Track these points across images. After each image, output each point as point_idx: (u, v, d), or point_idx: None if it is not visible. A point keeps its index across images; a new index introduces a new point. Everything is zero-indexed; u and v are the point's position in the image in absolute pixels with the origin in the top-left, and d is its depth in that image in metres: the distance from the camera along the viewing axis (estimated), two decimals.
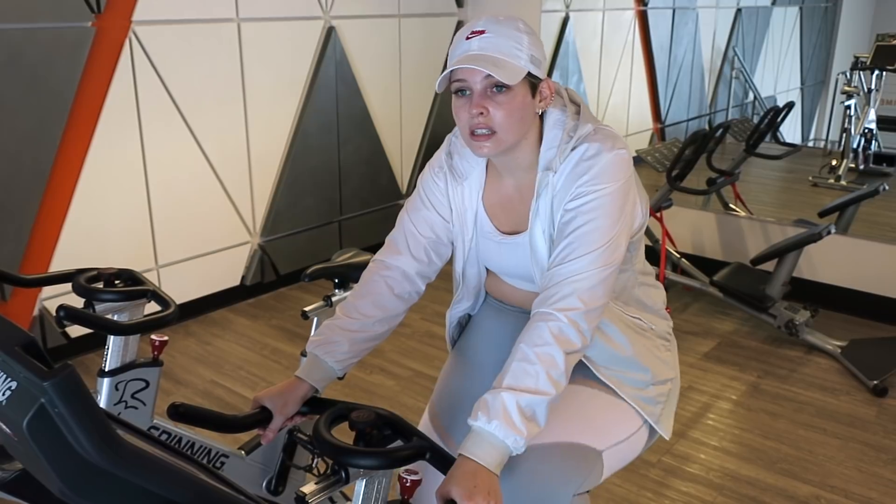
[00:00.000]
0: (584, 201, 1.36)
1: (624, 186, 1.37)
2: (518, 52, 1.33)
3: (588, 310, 1.31)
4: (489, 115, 1.34)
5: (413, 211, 1.59)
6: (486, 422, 1.22)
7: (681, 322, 3.82)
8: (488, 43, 1.33)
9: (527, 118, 1.38)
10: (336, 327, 1.53)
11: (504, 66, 1.31)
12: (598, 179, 1.35)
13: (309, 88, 4.12)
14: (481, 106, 1.34)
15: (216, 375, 3.32)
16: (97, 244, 3.39)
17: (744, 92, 6.85)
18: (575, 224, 1.36)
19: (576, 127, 1.40)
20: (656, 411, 1.51)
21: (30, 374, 0.74)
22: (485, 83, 1.33)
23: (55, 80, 3.11)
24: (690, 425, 2.91)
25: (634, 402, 1.48)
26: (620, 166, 1.37)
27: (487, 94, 1.34)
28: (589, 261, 1.33)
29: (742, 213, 4.40)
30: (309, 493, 1.23)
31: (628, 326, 1.50)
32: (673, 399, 1.57)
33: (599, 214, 1.35)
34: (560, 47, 5.09)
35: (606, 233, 1.34)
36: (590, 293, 1.32)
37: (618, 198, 1.36)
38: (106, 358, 1.79)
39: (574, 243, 1.34)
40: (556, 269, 1.35)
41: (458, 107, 1.38)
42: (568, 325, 1.29)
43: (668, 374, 1.56)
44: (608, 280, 1.35)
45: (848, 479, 2.58)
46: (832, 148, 6.14)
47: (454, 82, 1.37)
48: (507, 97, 1.34)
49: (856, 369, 3.25)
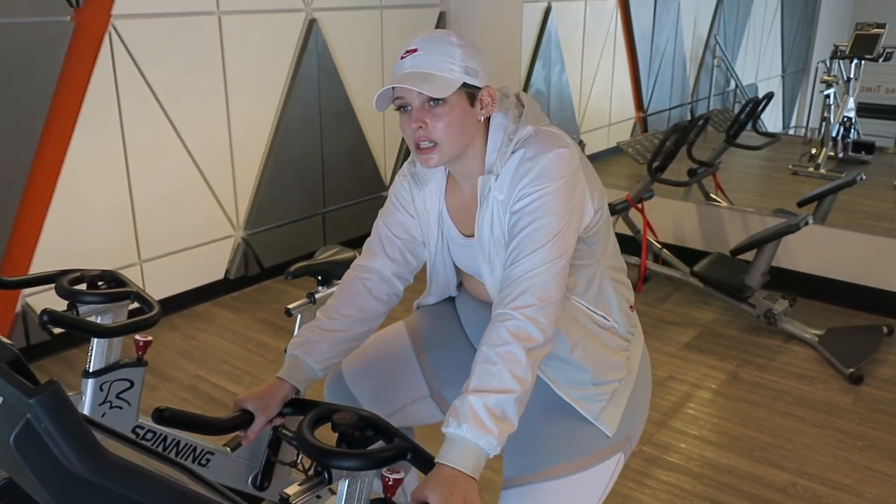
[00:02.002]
0: (527, 202, 1.40)
1: (567, 184, 1.40)
2: (450, 65, 1.38)
3: (543, 305, 1.34)
4: (429, 128, 1.40)
5: (387, 216, 1.66)
6: (456, 427, 1.24)
7: (662, 312, 3.87)
8: (420, 60, 1.39)
9: (468, 127, 1.43)
10: (316, 328, 1.57)
11: (434, 81, 1.37)
12: (539, 180, 1.39)
13: (291, 81, 4.11)
14: (420, 120, 1.40)
15: (201, 370, 3.33)
16: (79, 240, 3.39)
17: (725, 80, 6.89)
18: (521, 225, 1.40)
19: (515, 130, 1.45)
20: (596, 408, 1.51)
21: (15, 391, 0.75)
22: (420, 98, 1.40)
23: (34, 76, 3.09)
24: (671, 415, 2.95)
25: (570, 399, 1.50)
26: (561, 164, 1.40)
27: (425, 108, 1.40)
28: (538, 258, 1.36)
29: (723, 204, 4.45)
30: (293, 494, 1.25)
31: (579, 324, 1.51)
32: (621, 397, 1.56)
33: (544, 213, 1.38)
34: (542, 37, 5.10)
35: (553, 229, 1.38)
36: (543, 288, 1.35)
37: (561, 196, 1.39)
38: (90, 359, 1.80)
39: (522, 243, 1.38)
40: (508, 270, 1.39)
41: (402, 122, 1.45)
42: (525, 321, 1.32)
43: (616, 375, 1.56)
44: (560, 274, 1.38)
45: (824, 466, 2.64)
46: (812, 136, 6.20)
47: (395, 99, 1.43)
48: (444, 109, 1.40)
49: (833, 357, 3.31)
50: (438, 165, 1.46)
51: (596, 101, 5.84)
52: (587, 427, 1.50)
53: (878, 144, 5.36)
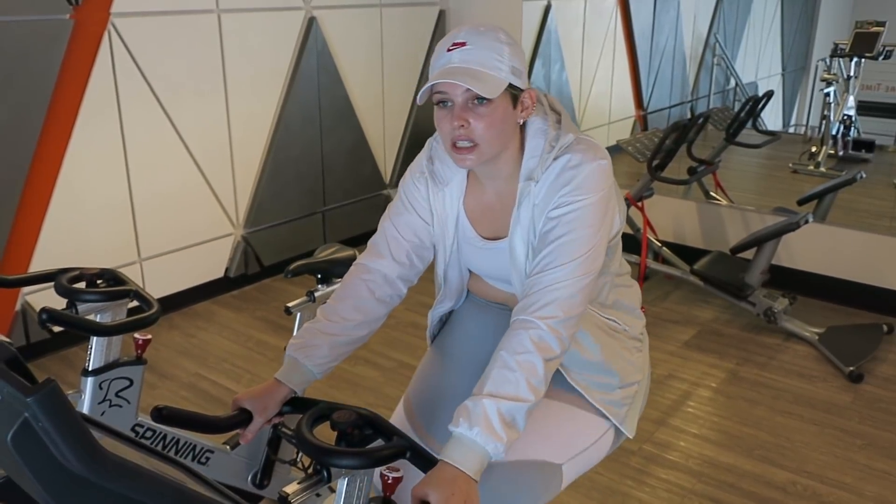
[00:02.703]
0: (565, 211, 1.37)
1: (605, 197, 1.40)
2: (499, 63, 1.33)
3: (567, 317, 1.34)
4: (470, 128, 1.35)
5: (395, 215, 1.60)
6: (467, 428, 1.24)
7: (661, 311, 3.87)
8: (469, 55, 1.33)
9: (508, 130, 1.40)
10: (316, 331, 1.53)
11: (484, 80, 1.32)
12: (580, 190, 1.37)
13: (290, 79, 4.11)
14: (463, 119, 1.35)
15: (201, 368, 3.33)
16: (79, 238, 3.38)
17: (725, 78, 6.88)
18: (556, 233, 1.37)
19: (557, 136, 1.41)
20: (622, 413, 1.53)
21: (13, 390, 0.75)
22: (466, 96, 1.34)
23: (33, 74, 3.08)
24: (670, 413, 2.95)
25: (601, 405, 1.50)
26: (602, 177, 1.39)
27: (468, 107, 1.35)
28: (569, 270, 1.35)
29: (723, 202, 4.44)
30: (292, 492, 1.25)
31: (601, 330, 1.52)
32: (639, 400, 1.59)
33: (581, 225, 1.36)
34: (542, 36, 5.10)
35: (587, 243, 1.36)
36: (569, 301, 1.34)
37: (599, 208, 1.38)
38: (89, 358, 1.80)
39: (555, 252, 1.36)
40: (536, 276, 1.37)
41: (440, 118, 1.39)
42: (548, 332, 1.31)
43: (636, 377, 1.58)
44: (587, 288, 1.37)
45: (823, 464, 2.64)
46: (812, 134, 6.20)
47: (435, 94, 1.37)
48: (489, 109, 1.34)
49: (833, 356, 3.31)
50: (473, 167, 1.42)
51: (596, 99, 5.83)
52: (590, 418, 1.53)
53: (879, 143, 5.36)
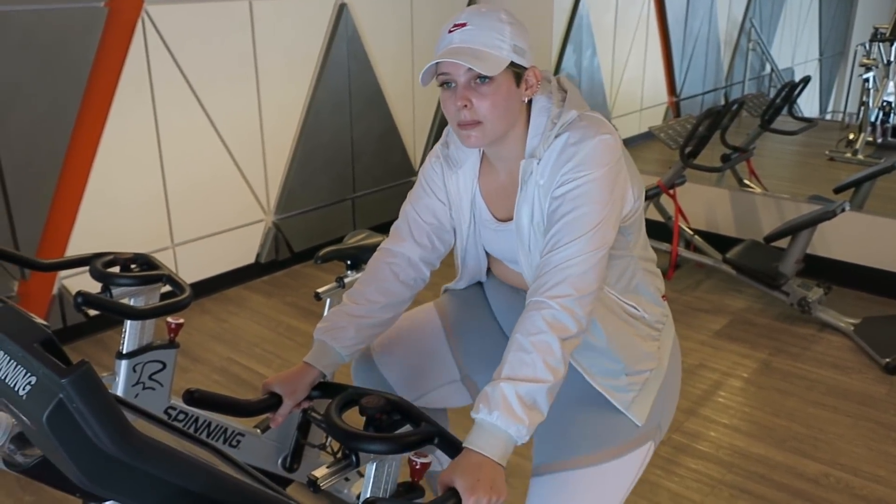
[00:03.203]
0: (569, 188, 1.37)
1: (610, 172, 1.38)
2: (500, 42, 1.35)
3: (580, 295, 1.32)
4: (474, 107, 1.37)
5: (416, 199, 1.63)
6: (487, 413, 1.24)
7: (692, 299, 3.83)
8: (469, 35, 1.35)
9: (512, 107, 1.40)
10: (343, 314, 1.56)
11: (485, 58, 1.33)
12: (582, 166, 1.36)
13: (321, 66, 4.12)
14: (465, 98, 1.36)
15: (232, 353, 3.37)
16: (114, 223, 3.44)
17: (761, 64, 6.77)
18: (562, 211, 1.37)
19: (560, 114, 1.41)
20: (627, 398, 1.50)
21: (48, 371, 0.77)
22: (468, 75, 1.36)
23: (69, 62, 3.13)
24: (701, 403, 2.93)
25: (603, 389, 1.49)
26: (605, 152, 1.37)
27: (471, 86, 1.36)
28: (578, 247, 1.34)
29: (757, 190, 4.38)
30: (321, 476, 1.26)
31: (615, 314, 1.50)
32: (652, 387, 1.55)
33: (586, 201, 1.36)
34: (574, 21, 5.05)
35: (595, 218, 1.35)
36: (581, 279, 1.33)
37: (605, 183, 1.37)
38: (123, 341, 1.83)
39: (562, 231, 1.36)
40: (546, 256, 1.37)
41: (445, 99, 1.41)
42: (561, 311, 1.31)
43: (648, 365, 1.55)
44: (599, 265, 1.36)
45: (857, 457, 2.60)
46: (850, 121, 6.08)
47: (439, 75, 1.39)
48: (491, 88, 1.36)
49: (868, 347, 3.25)
50: (479, 146, 1.43)
51: (628, 85, 5.77)
52: (618, 416, 1.49)
53: None
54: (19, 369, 0.80)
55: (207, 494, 0.86)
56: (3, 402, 0.84)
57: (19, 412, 0.82)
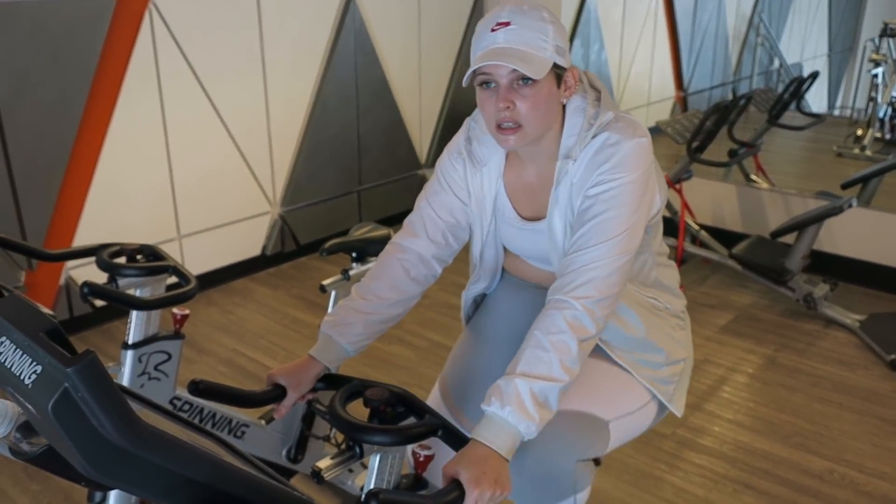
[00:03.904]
0: (603, 189, 1.36)
1: (644, 175, 1.37)
2: (544, 43, 1.32)
3: (603, 297, 1.32)
4: (516, 109, 1.34)
5: (432, 195, 1.60)
6: (499, 407, 1.24)
7: (698, 295, 3.82)
8: (514, 35, 1.32)
9: (552, 109, 1.38)
10: (351, 308, 1.54)
11: (530, 60, 1.30)
12: (618, 168, 1.35)
13: (328, 59, 4.11)
14: (508, 100, 1.34)
15: (238, 344, 3.38)
16: (121, 214, 3.45)
17: (769, 59, 6.73)
18: (593, 212, 1.36)
19: (597, 114, 1.39)
20: (669, 390, 1.53)
21: (54, 360, 0.77)
22: (511, 77, 1.33)
23: (77, 52, 3.13)
24: (705, 398, 2.92)
25: (649, 382, 1.50)
26: (641, 155, 1.37)
27: (513, 88, 1.34)
28: (606, 249, 1.34)
29: (764, 185, 4.36)
30: (325, 467, 1.27)
31: (644, 307, 1.51)
32: (685, 378, 1.59)
33: (618, 203, 1.35)
34: (581, 15, 5.03)
35: (624, 222, 1.35)
36: (605, 281, 1.33)
37: (637, 187, 1.36)
38: (129, 331, 1.84)
39: (592, 231, 1.35)
40: (572, 256, 1.36)
41: (484, 99, 1.37)
42: (583, 312, 1.30)
43: (682, 354, 1.58)
44: (624, 268, 1.36)
45: (862, 453, 2.59)
46: (858, 117, 6.04)
47: (479, 75, 1.36)
48: (534, 90, 1.33)
49: (874, 343, 3.24)
50: (516, 148, 1.41)
51: (635, 79, 5.75)
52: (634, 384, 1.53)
53: None
54: (25, 358, 0.81)
55: (212, 484, 0.86)
56: (9, 390, 0.85)
57: (25, 401, 0.83)
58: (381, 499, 1.08)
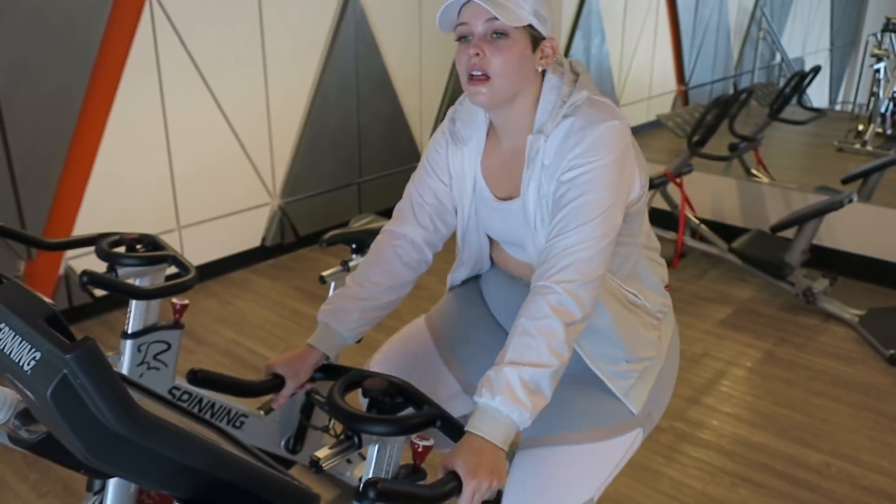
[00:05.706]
0: (577, 173, 1.36)
1: (619, 158, 1.37)
2: (522, 2, 1.34)
3: (585, 281, 1.32)
4: (486, 59, 1.36)
5: (418, 180, 1.63)
6: (490, 398, 1.24)
7: (698, 288, 3.82)
8: None
9: (525, 70, 1.39)
10: (346, 296, 1.56)
11: (505, 8, 1.32)
12: (591, 151, 1.35)
13: (328, 50, 4.10)
14: (479, 47, 1.36)
15: (237, 335, 3.38)
16: (120, 205, 3.44)
17: (771, 53, 6.72)
18: (569, 196, 1.36)
19: (570, 93, 1.40)
20: (626, 385, 1.50)
21: (53, 347, 0.77)
22: (486, 27, 1.35)
23: (76, 42, 3.12)
24: (704, 392, 2.93)
25: (603, 374, 1.48)
26: (614, 138, 1.36)
27: (487, 39, 1.36)
28: (585, 233, 1.33)
29: (764, 179, 4.36)
30: (323, 457, 1.27)
31: (616, 299, 1.49)
32: (650, 376, 1.54)
33: (594, 187, 1.35)
34: (583, 8, 5.02)
35: (601, 204, 1.34)
36: (587, 264, 1.32)
37: (613, 170, 1.36)
38: (128, 321, 1.84)
39: (569, 216, 1.35)
40: (553, 241, 1.36)
41: (460, 52, 1.40)
42: (566, 296, 1.30)
43: (649, 353, 1.54)
44: (605, 251, 1.35)
45: (859, 447, 2.60)
46: (859, 112, 6.04)
47: (458, 26, 1.39)
48: (507, 43, 1.35)
49: (873, 338, 3.24)
50: (487, 103, 1.40)
51: (636, 73, 5.74)
52: (612, 400, 1.49)
53: None
54: (24, 345, 0.81)
55: (210, 471, 0.86)
56: (8, 377, 0.85)
57: (24, 388, 0.83)
58: (378, 488, 1.08)
